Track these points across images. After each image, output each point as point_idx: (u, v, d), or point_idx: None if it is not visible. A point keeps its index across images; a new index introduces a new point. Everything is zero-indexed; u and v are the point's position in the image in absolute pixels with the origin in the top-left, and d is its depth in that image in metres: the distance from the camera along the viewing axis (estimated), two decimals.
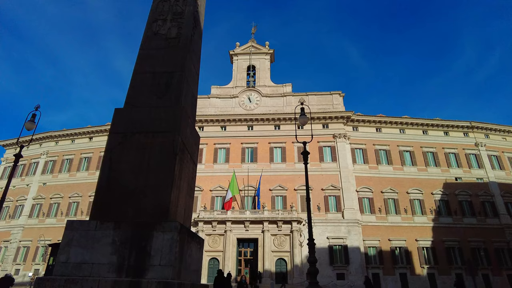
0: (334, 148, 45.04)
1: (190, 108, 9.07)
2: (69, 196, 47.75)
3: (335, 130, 46.06)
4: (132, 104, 8.00)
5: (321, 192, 42.28)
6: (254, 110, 48.73)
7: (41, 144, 53.95)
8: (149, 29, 8.64)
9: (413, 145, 46.27)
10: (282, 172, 43.78)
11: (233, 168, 43.57)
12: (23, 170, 52.94)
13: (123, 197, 6.77)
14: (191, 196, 8.65)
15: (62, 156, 51.85)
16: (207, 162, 45.44)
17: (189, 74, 8.73)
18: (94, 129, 51.78)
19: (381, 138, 46.77)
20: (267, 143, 45.97)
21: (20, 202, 50.07)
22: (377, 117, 47.57)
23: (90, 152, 50.55)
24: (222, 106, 49.67)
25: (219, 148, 46.37)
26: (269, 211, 40.15)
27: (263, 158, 45.04)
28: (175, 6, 8.40)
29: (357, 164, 44.74)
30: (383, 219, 41.48)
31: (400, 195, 42.78)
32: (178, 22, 8.29)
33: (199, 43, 9.78)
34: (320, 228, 39.49)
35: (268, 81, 51.27)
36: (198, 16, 9.17)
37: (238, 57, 53.67)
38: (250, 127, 47.65)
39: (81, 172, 49.59)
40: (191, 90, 9.11)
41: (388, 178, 43.79)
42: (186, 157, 7.86)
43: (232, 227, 39.59)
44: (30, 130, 14.67)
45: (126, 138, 7.30)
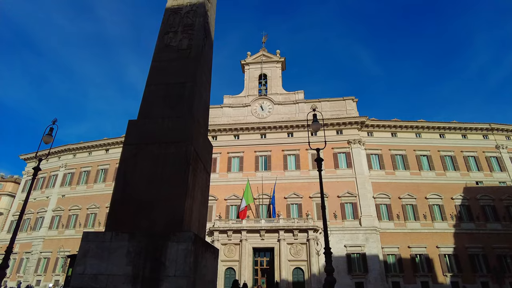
0: (349, 154, 44.46)
1: (203, 118, 9.11)
2: (87, 208, 48.62)
3: (350, 136, 45.53)
4: (146, 115, 8.10)
5: (337, 200, 41.67)
6: (266, 118, 48.78)
7: (59, 157, 55.35)
8: (160, 41, 8.78)
9: (430, 149, 45.22)
10: (297, 180, 43.42)
11: (247, 176, 43.52)
12: (43, 183, 54.32)
13: (137, 208, 6.81)
14: (205, 205, 8.63)
15: (80, 168, 53.00)
16: (221, 171, 45.57)
17: (200, 84, 8.79)
18: (110, 141, 52.82)
19: (397, 142, 45.94)
20: (281, 150, 45.81)
21: (41, 214, 51.29)
22: (392, 122, 46.81)
23: (107, 163, 51.50)
24: (235, 115, 49.94)
25: (232, 156, 46.49)
26: (285, 220, 39.77)
27: (277, 166, 44.86)
28: (185, 18, 8.52)
29: (373, 170, 43.98)
30: (401, 225, 40.46)
31: (418, 200, 41.73)
32: (189, 33, 8.40)
33: (210, 53, 9.87)
34: (337, 236, 38.82)
35: (280, 89, 51.35)
36: (209, 27, 9.28)
37: (249, 66, 54.08)
38: (263, 135, 47.65)
39: (98, 183, 50.51)
40: (203, 100, 9.16)
41: (405, 183, 42.83)
42: (199, 167, 7.86)
43: (248, 236, 39.36)
44: (48, 144, 15.04)
45: (140, 150, 7.37)
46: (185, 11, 8.64)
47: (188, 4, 8.67)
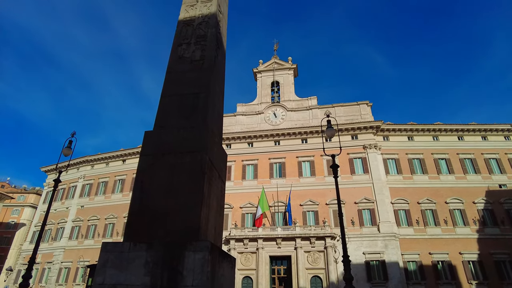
0: (365, 159, 43.83)
1: (217, 127, 9.20)
2: (105, 218, 49.44)
3: (365, 141, 44.94)
4: (161, 126, 8.23)
5: (354, 206, 41.02)
6: (280, 125, 48.77)
7: (78, 168, 56.68)
8: (174, 53, 8.94)
9: (449, 152, 44.09)
10: (312, 187, 43.03)
11: (262, 184, 43.44)
12: (63, 194, 55.67)
13: (154, 218, 6.88)
14: (221, 214, 8.65)
15: (98, 179, 54.09)
16: (236, 179, 45.65)
17: (214, 94, 8.89)
18: (126, 151, 53.79)
19: (413, 146, 45.03)
20: (295, 157, 45.60)
21: (61, 225, 52.45)
22: (408, 125, 45.96)
23: (124, 174, 52.38)
24: (248, 123, 50.14)
25: (247, 164, 46.54)
26: (301, 227, 39.37)
27: (291, 172, 44.62)
28: (198, 30, 8.67)
29: (390, 175, 43.17)
30: (421, 231, 39.40)
31: (438, 205, 40.62)
32: (201, 44, 8.53)
33: (222, 63, 9.99)
34: (355, 244, 38.12)
35: (292, 96, 51.35)
36: (221, 37, 9.41)
37: (261, 74, 54.37)
38: (277, 142, 47.59)
39: (116, 194, 51.37)
40: (217, 109, 9.25)
41: (424, 188, 41.81)
42: (214, 175, 7.91)
43: (264, 244, 39.10)
44: (67, 156, 15.43)
45: (156, 160, 7.48)
46: (197, 23, 8.79)
47: (200, 16, 8.83)
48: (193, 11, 8.97)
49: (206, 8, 8.88)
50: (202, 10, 8.88)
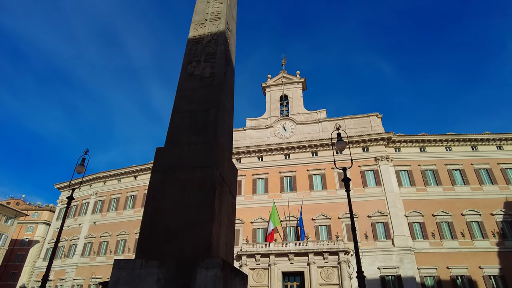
0: (377, 171, 43.26)
1: (227, 142, 9.25)
2: (117, 234, 49.58)
3: (376, 153, 44.46)
4: (172, 142, 8.32)
5: (368, 219, 40.27)
6: (289, 138, 48.73)
7: (91, 185, 57.35)
8: (184, 71, 9.12)
9: (463, 163, 43.18)
10: (324, 200, 42.52)
11: (273, 198, 43.13)
12: (76, 211, 56.24)
13: (166, 235, 6.89)
14: (232, 230, 8.60)
15: (110, 196, 54.57)
16: (246, 194, 45.48)
17: (224, 109, 8.99)
18: (138, 168, 54.32)
19: (426, 157, 44.31)
20: (306, 170, 45.30)
21: (74, 242, 52.78)
22: (420, 136, 45.37)
23: (135, 190, 52.76)
24: (258, 137, 50.27)
25: (257, 178, 46.41)
26: (314, 242, 38.73)
27: (302, 186, 44.25)
28: (207, 48, 8.86)
29: (403, 187, 42.41)
30: (438, 245, 38.29)
31: (454, 217, 39.55)
32: (211, 62, 8.70)
33: (231, 79, 10.14)
34: (369, 258, 37.24)
35: (301, 109, 51.45)
36: (230, 54, 9.58)
37: (270, 88, 54.80)
38: (287, 156, 47.46)
39: (128, 210, 51.65)
40: (226, 124, 9.34)
41: (438, 200, 40.88)
42: (225, 191, 7.92)
43: (276, 260, 38.51)
44: (80, 173, 15.67)
45: (168, 176, 7.54)
46: (206, 41, 8.99)
47: (209, 34, 9.03)
48: (202, 30, 9.19)
49: (215, 26, 9.08)
50: (211, 29, 9.08)
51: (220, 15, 9.22)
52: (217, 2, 9.52)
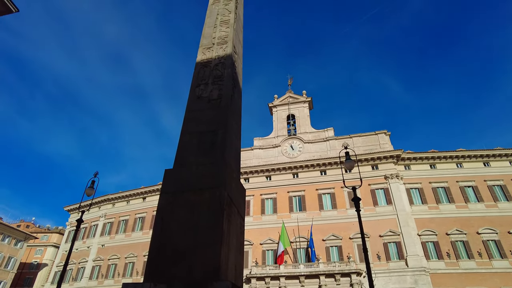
0: (388, 190, 42.58)
1: (235, 162, 9.28)
2: (125, 257, 49.15)
3: (386, 171, 43.91)
4: (181, 163, 8.38)
5: (379, 239, 39.31)
6: (297, 157, 48.58)
7: (100, 207, 57.49)
8: (193, 94, 9.30)
9: (475, 179, 42.29)
10: (334, 220, 41.79)
11: (282, 218, 42.56)
12: (85, 233, 56.16)
13: (174, 257, 6.83)
14: (241, 251, 8.49)
15: (118, 218, 54.52)
16: (255, 214, 45.00)
17: (231, 130, 9.08)
18: (146, 189, 54.44)
19: (437, 175, 43.57)
20: (315, 190, 44.83)
21: (82, 264, 52.41)
22: (430, 153, 44.81)
23: (144, 212, 52.68)
24: (266, 157, 50.24)
25: (265, 198, 46.02)
26: (325, 264, 37.80)
27: (311, 206, 43.67)
28: (215, 71, 9.07)
29: (415, 205, 41.54)
30: (454, 265, 36.99)
31: (469, 236, 38.35)
32: (218, 84, 8.89)
33: (239, 100, 10.29)
34: (382, 279, 36.09)
35: (308, 128, 51.53)
36: (237, 76, 9.77)
37: (277, 108, 55.22)
38: (295, 175, 47.15)
39: (136, 232, 51.40)
40: (234, 145, 9.40)
41: (452, 218, 39.83)
42: (234, 212, 7.87)
43: (287, 283, 37.57)
44: (90, 196, 15.78)
45: (176, 197, 7.55)
46: (214, 64, 9.21)
47: (216, 57, 9.26)
48: (209, 53, 9.43)
49: (222, 50, 9.32)
50: (218, 52, 9.32)
51: (227, 39, 9.48)
52: (223, 26, 9.81)
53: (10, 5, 22.75)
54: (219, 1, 10.63)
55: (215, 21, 10.04)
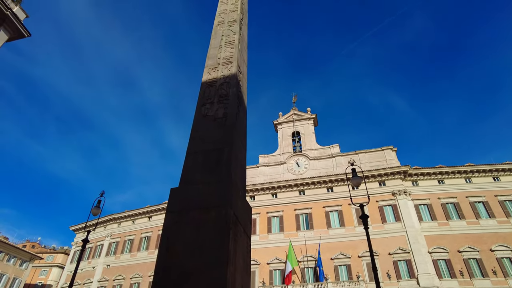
0: (396, 206, 41.93)
1: (240, 180, 9.26)
2: (131, 277, 48.50)
3: (393, 187, 43.38)
4: (186, 182, 8.38)
5: (389, 257, 38.41)
6: (303, 174, 48.30)
7: (105, 226, 57.25)
8: (198, 113, 9.41)
9: (485, 195, 41.52)
10: (342, 238, 41.04)
11: (289, 237, 41.91)
12: (90, 253, 55.73)
13: (180, 278, 6.73)
14: (248, 272, 8.34)
15: (124, 237, 54.16)
16: (261, 233, 44.41)
17: (237, 148, 9.12)
18: (152, 208, 54.27)
19: (445, 190, 42.88)
20: (322, 207, 44.30)
21: (87, 285, 51.74)
22: (437, 168, 44.27)
23: (149, 231, 52.33)
24: (271, 174, 50.03)
25: (272, 216, 45.52)
26: (334, 283, 36.91)
27: (319, 224, 43.03)
28: (220, 90, 9.22)
29: (424, 222, 40.75)
30: (468, 284, 35.85)
31: (482, 253, 37.31)
32: (224, 103, 9.00)
33: (244, 118, 10.37)
34: None
35: (314, 144, 51.45)
36: (242, 95, 9.89)
37: (282, 125, 55.41)
38: (302, 192, 46.75)
39: (141, 251, 50.90)
40: (239, 163, 9.40)
41: (463, 234, 38.90)
42: (239, 231, 7.79)
43: None
44: (96, 215, 15.77)
45: (182, 217, 7.52)
46: (219, 83, 9.36)
47: (221, 77, 9.42)
48: (215, 73, 9.60)
49: (227, 69, 9.49)
50: (224, 72, 9.49)
51: (231, 59, 9.67)
52: (228, 47, 10.02)
53: (23, 30, 23.52)
54: (224, 23, 10.90)
55: (220, 42, 10.28)
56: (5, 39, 22.74)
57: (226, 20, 10.92)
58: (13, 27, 22.97)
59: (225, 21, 10.91)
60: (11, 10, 22.37)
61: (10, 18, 22.43)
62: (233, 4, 11.40)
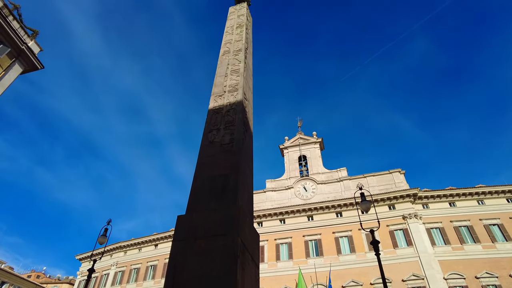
0: (407, 230, 40.86)
1: (247, 206, 9.19)
2: None
3: (403, 210, 42.48)
4: (193, 209, 8.34)
5: (402, 284, 37.00)
6: (311, 199, 47.68)
7: (111, 255, 56.47)
8: (205, 139, 9.51)
9: (500, 217, 40.31)
10: (353, 265, 39.80)
11: (298, 265, 40.77)
12: (95, 283, 54.65)
13: None
14: None
15: (130, 266, 53.23)
16: (270, 261, 43.32)
17: (243, 174, 9.12)
18: (159, 236, 53.62)
19: (457, 213, 41.81)
20: (331, 233, 43.32)
21: None
22: (448, 191, 43.41)
23: (156, 259, 51.43)
24: (279, 199, 49.49)
25: (280, 243, 44.55)
26: None
27: (329, 250, 41.92)
28: (226, 116, 9.35)
29: (437, 246, 39.47)
30: None
31: (502, 279, 35.75)
32: (230, 129, 9.10)
33: (250, 144, 10.44)
34: None
35: (321, 168, 51.12)
36: (248, 121, 10.01)
37: (288, 150, 55.41)
38: (310, 217, 45.95)
39: (148, 281, 49.82)
40: (246, 188, 9.37)
41: (480, 259, 37.45)
42: (247, 259, 7.64)
43: None
44: (102, 244, 15.63)
45: (188, 245, 7.42)
46: (225, 110, 9.51)
47: (227, 104, 9.59)
48: (221, 101, 9.79)
49: (233, 97, 9.68)
50: (229, 99, 9.68)
51: (237, 87, 9.89)
52: (234, 75, 10.28)
53: (37, 63, 24.44)
54: (229, 52, 11.24)
55: (226, 70, 10.55)
56: (20, 72, 23.63)
57: (232, 49, 11.26)
58: (28, 60, 23.93)
59: (231, 50, 11.25)
60: (27, 44, 23.41)
61: (25, 52, 23.43)
62: (238, 34, 11.81)
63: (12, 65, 22.81)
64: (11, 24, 22.30)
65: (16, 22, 23.00)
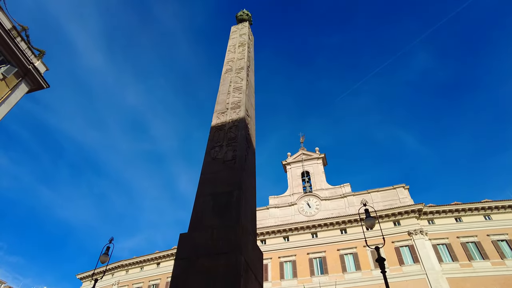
0: (413, 247, 40.10)
1: (251, 223, 9.10)
2: None
3: (409, 226, 41.82)
4: (195, 227, 8.27)
5: None
6: (315, 215, 47.14)
7: (113, 274, 55.60)
8: (208, 156, 9.52)
9: (508, 232, 39.55)
10: (359, 283, 38.92)
11: (303, 283, 39.93)
12: None
13: None
14: None
15: (132, 285, 52.33)
16: (274, 279, 42.47)
17: (246, 191, 9.07)
18: (161, 254, 52.91)
19: (464, 228, 41.07)
20: (336, 250, 42.57)
21: None
22: (453, 206, 42.80)
23: (158, 278, 50.59)
24: (282, 216, 48.96)
25: (284, 261, 43.77)
26: None
27: (334, 268, 41.09)
28: (229, 133, 9.38)
29: (445, 263, 38.61)
30: None
31: None
32: (232, 146, 9.11)
33: (253, 160, 10.43)
34: None
35: (324, 184, 50.76)
36: (250, 138, 10.04)
37: (291, 166, 55.22)
38: (314, 234, 45.30)
39: None
40: (249, 205, 9.30)
41: (489, 276, 36.51)
42: (251, 278, 7.50)
43: None
44: (104, 263, 15.45)
45: (191, 264, 7.32)
46: (228, 127, 9.56)
47: (230, 121, 9.65)
48: (224, 118, 9.86)
49: (235, 114, 9.76)
50: (232, 116, 9.75)
51: (240, 104, 9.98)
52: (236, 93, 10.39)
53: (43, 82, 24.86)
54: (231, 70, 11.41)
55: (228, 88, 10.68)
56: (26, 91, 24.03)
57: (234, 67, 11.43)
58: (34, 79, 24.38)
59: (233, 68, 11.42)
60: (33, 64, 23.90)
61: (32, 72, 23.90)
62: (240, 53, 12.02)
63: (18, 84, 23.24)
64: (19, 45, 22.86)
65: (24, 43, 23.57)
